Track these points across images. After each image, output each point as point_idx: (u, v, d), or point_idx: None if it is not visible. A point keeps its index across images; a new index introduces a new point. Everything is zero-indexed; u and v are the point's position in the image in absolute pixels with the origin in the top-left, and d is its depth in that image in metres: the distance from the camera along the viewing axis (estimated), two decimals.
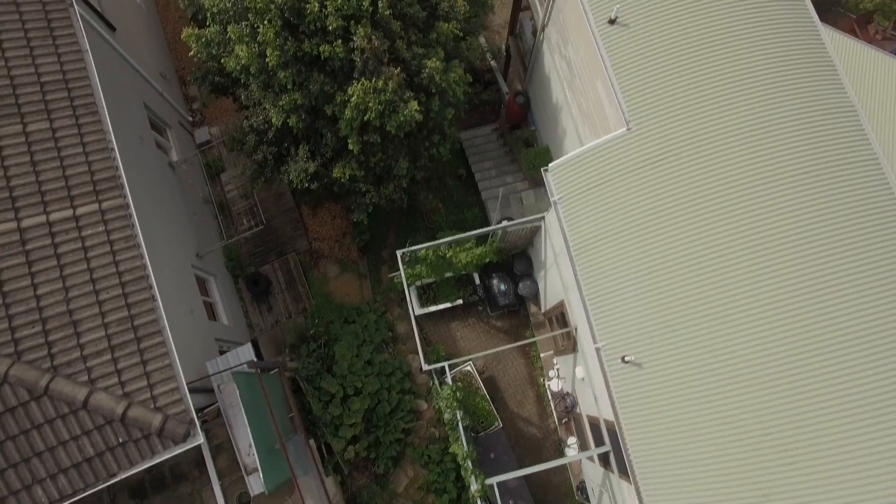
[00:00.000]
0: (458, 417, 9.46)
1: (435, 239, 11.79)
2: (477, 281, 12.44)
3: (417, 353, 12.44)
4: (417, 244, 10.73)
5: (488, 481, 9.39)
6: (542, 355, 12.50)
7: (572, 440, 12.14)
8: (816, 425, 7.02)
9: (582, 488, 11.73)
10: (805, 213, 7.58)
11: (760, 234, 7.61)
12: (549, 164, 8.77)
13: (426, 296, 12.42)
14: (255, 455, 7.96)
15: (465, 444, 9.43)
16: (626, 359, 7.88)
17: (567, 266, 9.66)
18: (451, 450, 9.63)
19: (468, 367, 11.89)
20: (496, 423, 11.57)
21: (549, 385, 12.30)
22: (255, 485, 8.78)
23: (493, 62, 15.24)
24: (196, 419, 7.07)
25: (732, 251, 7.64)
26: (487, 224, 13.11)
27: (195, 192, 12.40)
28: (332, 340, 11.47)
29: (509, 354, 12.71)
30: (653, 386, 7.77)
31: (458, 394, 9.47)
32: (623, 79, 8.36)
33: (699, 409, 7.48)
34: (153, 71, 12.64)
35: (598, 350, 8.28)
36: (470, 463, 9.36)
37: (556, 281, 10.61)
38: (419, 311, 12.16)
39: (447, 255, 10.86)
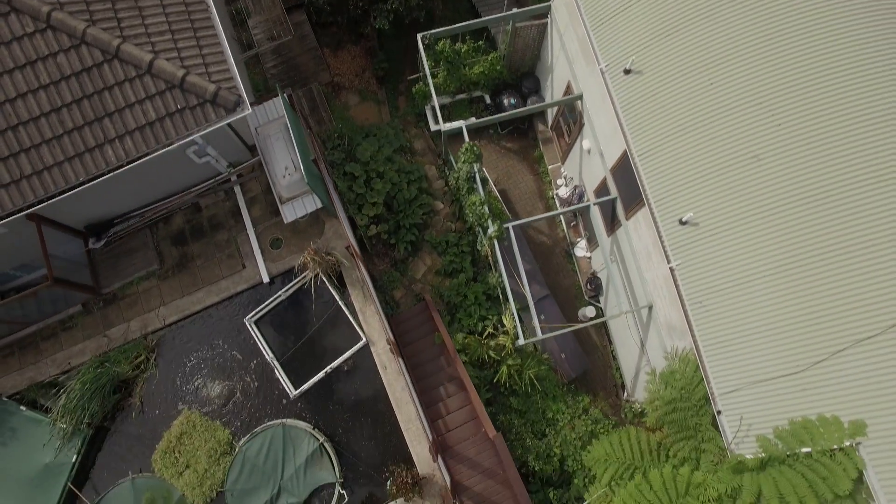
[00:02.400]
0: (476, 170, 10.28)
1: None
2: (488, 100, 13.34)
3: (434, 165, 13.39)
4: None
5: (505, 225, 10.18)
6: (549, 168, 13.33)
7: (580, 241, 12.90)
8: (802, 88, 7.81)
9: (591, 280, 12.44)
10: None
11: None
12: None
13: (441, 115, 13.30)
14: (300, 160, 8.76)
15: (481, 193, 10.22)
16: (628, 68, 8.73)
17: (572, 39, 10.55)
18: (468, 202, 10.40)
19: (484, 174, 12.70)
20: (508, 219, 12.35)
21: (557, 194, 13.09)
22: (289, 213, 9.62)
23: None
24: (244, 95, 7.93)
25: None
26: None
27: (225, 19, 13.41)
28: (354, 144, 12.33)
29: (519, 170, 13.53)
30: (654, 86, 8.60)
31: (475, 148, 10.28)
32: None
33: (696, 95, 8.28)
34: None
35: (602, 72, 9.13)
36: (486, 208, 10.14)
37: (562, 68, 11.47)
38: (435, 127, 13.08)
39: (463, 51, 11.79)
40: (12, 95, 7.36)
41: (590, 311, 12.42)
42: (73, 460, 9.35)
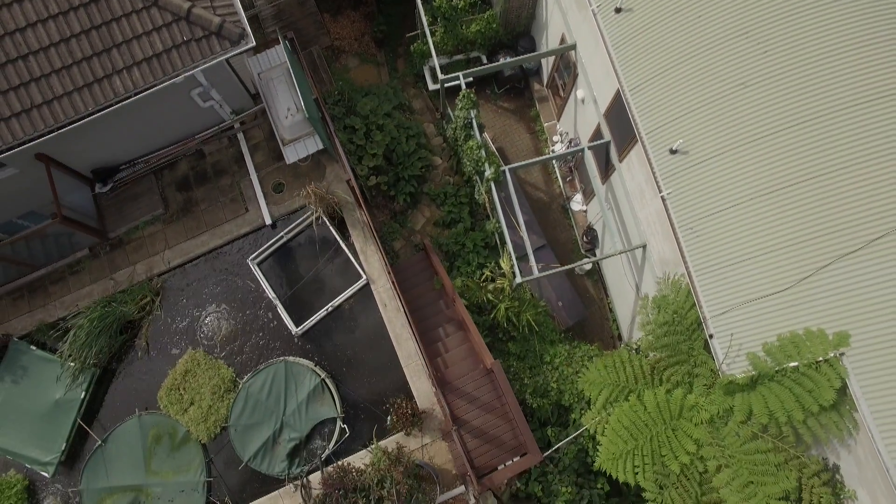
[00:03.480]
0: (473, 116, 10.52)
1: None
2: (485, 61, 13.60)
3: (432, 123, 13.64)
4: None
5: (501, 168, 10.41)
6: (545, 125, 13.59)
7: (576, 195, 13.14)
8: (787, 17, 8.06)
9: (587, 233, 12.68)
10: None
11: None
12: None
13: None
14: (301, 100, 9.01)
15: (478, 138, 10.47)
16: (619, 6, 8.99)
17: None
18: (466, 148, 10.63)
19: (481, 121, 12.87)
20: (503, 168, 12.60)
21: (553, 150, 13.34)
22: (291, 154, 9.87)
23: None
24: (248, 28, 8.19)
25: None
26: None
27: None
28: (354, 102, 12.57)
29: (516, 129, 13.80)
30: (643, 23, 8.84)
31: (471, 96, 10.52)
32: None
33: (684, 29, 8.51)
34: None
35: (594, 13, 9.38)
36: (483, 152, 10.38)
37: (556, 23, 11.73)
38: (433, 86, 13.38)
39: (460, 7, 12.07)
40: (22, 25, 7.62)
41: (587, 265, 12.65)
42: (82, 397, 9.60)
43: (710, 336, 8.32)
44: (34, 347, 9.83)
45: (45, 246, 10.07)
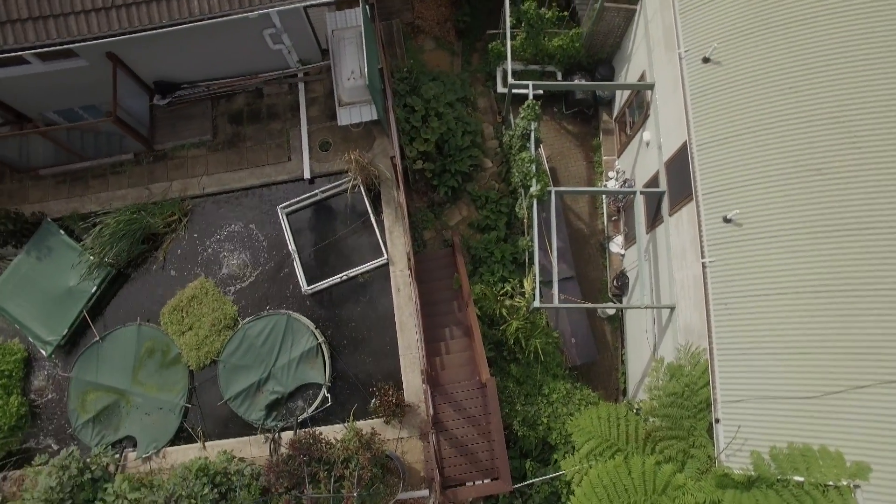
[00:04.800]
0: (533, 128, 10.22)
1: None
2: (559, 78, 13.21)
3: (491, 125, 13.37)
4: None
5: (548, 188, 10.10)
6: (604, 158, 13.15)
7: (617, 237, 12.70)
8: (885, 109, 7.49)
9: (619, 277, 12.24)
10: None
11: None
12: None
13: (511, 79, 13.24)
14: (367, 67, 8.87)
15: (533, 150, 10.17)
16: (708, 56, 8.52)
17: (658, 25, 10.29)
18: (517, 159, 10.36)
19: (539, 135, 12.52)
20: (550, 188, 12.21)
21: (605, 185, 12.92)
22: (344, 117, 9.76)
23: None
24: None
25: None
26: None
27: None
28: (420, 83, 12.39)
29: (573, 154, 13.41)
30: (729, 80, 8.37)
31: (537, 108, 10.22)
32: None
33: (771, 97, 8.00)
34: None
35: (680, 57, 8.93)
36: (534, 167, 10.08)
37: (640, 58, 11.25)
38: (501, 89, 13.08)
39: (546, 17, 11.73)
40: None
41: (610, 310, 12.23)
42: (93, 291, 9.86)
43: (717, 420, 7.87)
44: (62, 232, 10.09)
45: (96, 141, 10.28)
